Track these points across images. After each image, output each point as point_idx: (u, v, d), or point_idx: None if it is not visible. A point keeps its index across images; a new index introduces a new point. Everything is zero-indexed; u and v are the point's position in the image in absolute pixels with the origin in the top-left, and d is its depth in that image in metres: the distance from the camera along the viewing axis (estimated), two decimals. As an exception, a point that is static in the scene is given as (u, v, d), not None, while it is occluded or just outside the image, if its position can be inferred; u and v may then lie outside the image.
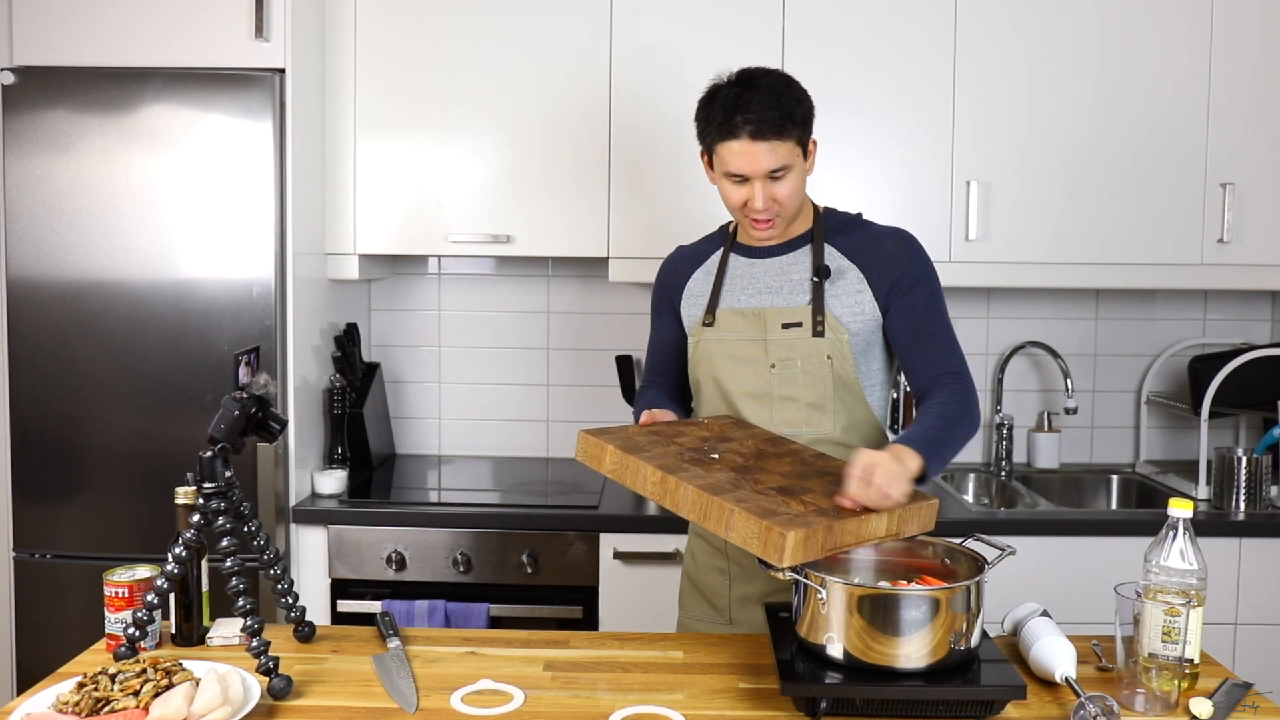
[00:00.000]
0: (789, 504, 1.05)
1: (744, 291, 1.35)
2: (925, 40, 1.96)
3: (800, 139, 1.27)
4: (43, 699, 1.00)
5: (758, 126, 1.22)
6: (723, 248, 1.40)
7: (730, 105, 1.24)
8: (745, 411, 1.33)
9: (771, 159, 1.24)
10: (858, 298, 1.30)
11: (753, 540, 1.00)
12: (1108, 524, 1.83)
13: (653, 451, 1.15)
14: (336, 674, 1.13)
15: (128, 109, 1.77)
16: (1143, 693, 1.04)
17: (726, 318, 1.34)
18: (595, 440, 1.17)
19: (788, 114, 1.24)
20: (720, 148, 1.26)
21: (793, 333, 1.30)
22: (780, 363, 1.30)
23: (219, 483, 1.13)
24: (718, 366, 1.34)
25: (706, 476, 1.09)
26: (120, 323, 1.78)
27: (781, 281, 1.33)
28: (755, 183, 1.25)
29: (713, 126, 1.26)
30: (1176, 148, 1.96)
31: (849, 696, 1.01)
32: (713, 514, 1.03)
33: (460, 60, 1.98)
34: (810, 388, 1.31)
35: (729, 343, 1.34)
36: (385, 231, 2.00)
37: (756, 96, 1.23)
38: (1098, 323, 2.27)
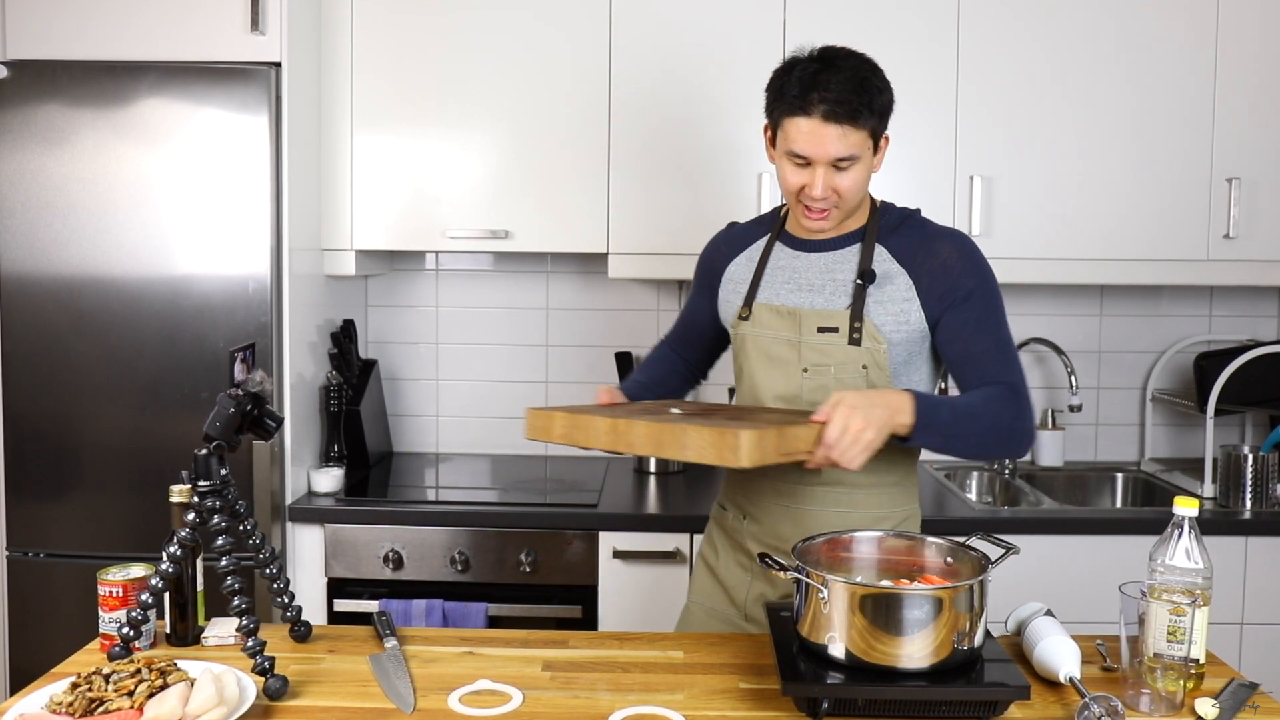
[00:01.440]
0: (740, 422, 1.08)
1: (784, 286, 1.28)
2: (928, 34, 1.95)
3: (874, 130, 1.18)
4: (36, 699, 0.99)
5: (833, 108, 1.14)
6: (769, 234, 1.33)
7: (808, 80, 1.16)
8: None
9: (840, 145, 1.16)
10: (904, 306, 1.22)
11: (708, 450, 1.01)
12: (1112, 522, 1.82)
13: (596, 409, 1.19)
14: (333, 674, 1.12)
15: (122, 103, 1.76)
16: (1148, 693, 1.03)
17: (762, 313, 1.29)
18: (543, 411, 1.18)
19: (867, 101, 1.16)
20: (788, 123, 1.18)
21: (828, 337, 1.23)
22: (813, 367, 1.24)
23: (214, 481, 1.12)
24: (752, 362, 1.30)
25: (660, 416, 1.12)
26: (114, 319, 1.77)
27: (825, 280, 1.26)
28: (818, 168, 1.18)
29: (784, 100, 1.18)
30: (1182, 142, 1.95)
31: (851, 697, 1.00)
32: (667, 440, 1.05)
33: (458, 54, 1.97)
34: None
35: (763, 340, 1.29)
36: (382, 227, 1.99)
37: (837, 76, 1.15)
38: (1102, 319, 2.26)
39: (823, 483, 1.27)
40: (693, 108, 1.97)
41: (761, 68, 1.96)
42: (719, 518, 1.40)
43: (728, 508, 1.38)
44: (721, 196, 1.99)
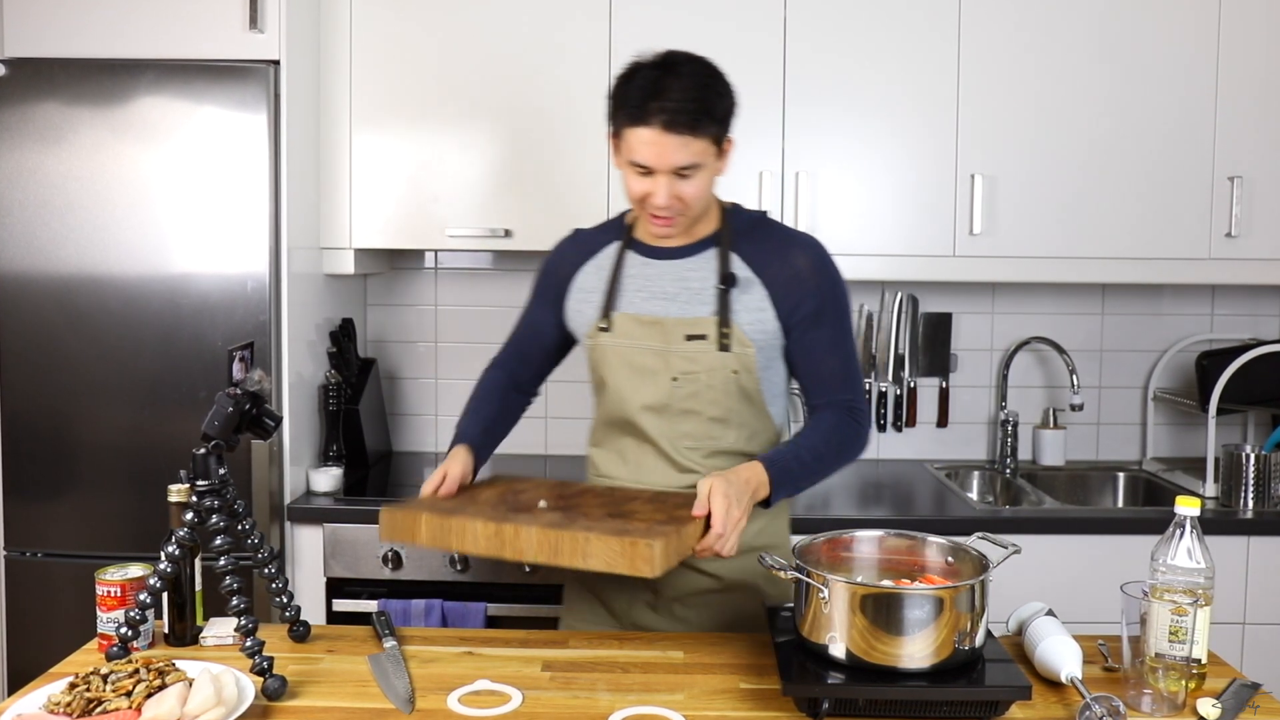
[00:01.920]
0: (629, 524, 1.08)
1: (639, 295, 1.27)
2: (929, 30, 1.95)
3: (716, 137, 1.18)
4: (34, 699, 0.99)
5: (672, 117, 1.13)
6: (619, 242, 1.31)
7: (647, 89, 1.14)
8: (644, 425, 1.27)
9: (681, 155, 1.15)
10: (760, 315, 1.24)
11: (618, 560, 1.01)
12: (1114, 522, 1.82)
13: (468, 510, 1.12)
14: (332, 674, 1.12)
15: (120, 101, 1.75)
16: (1149, 693, 1.03)
17: (624, 323, 1.26)
18: (404, 513, 1.12)
19: (707, 109, 1.15)
20: (629, 134, 1.16)
21: (697, 345, 1.23)
22: (682, 376, 1.24)
23: (213, 480, 1.12)
24: (616, 374, 1.27)
25: (539, 519, 1.09)
26: (113, 318, 1.77)
27: (680, 288, 1.25)
28: (660, 177, 1.16)
29: (625, 109, 1.16)
30: (1184, 140, 1.94)
31: (851, 697, 1.00)
32: (565, 548, 1.03)
33: (457, 52, 1.97)
34: (714, 402, 1.25)
35: (626, 351, 1.26)
36: (381, 225, 1.98)
37: (677, 84, 1.14)
38: (1104, 318, 2.26)
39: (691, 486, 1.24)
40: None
41: (761, 65, 1.97)
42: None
43: None
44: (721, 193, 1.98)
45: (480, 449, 1.29)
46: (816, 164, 1.97)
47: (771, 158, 1.97)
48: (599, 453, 1.35)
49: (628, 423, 1.29)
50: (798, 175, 1.96)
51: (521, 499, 1.19)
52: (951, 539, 1.15)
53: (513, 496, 1.20)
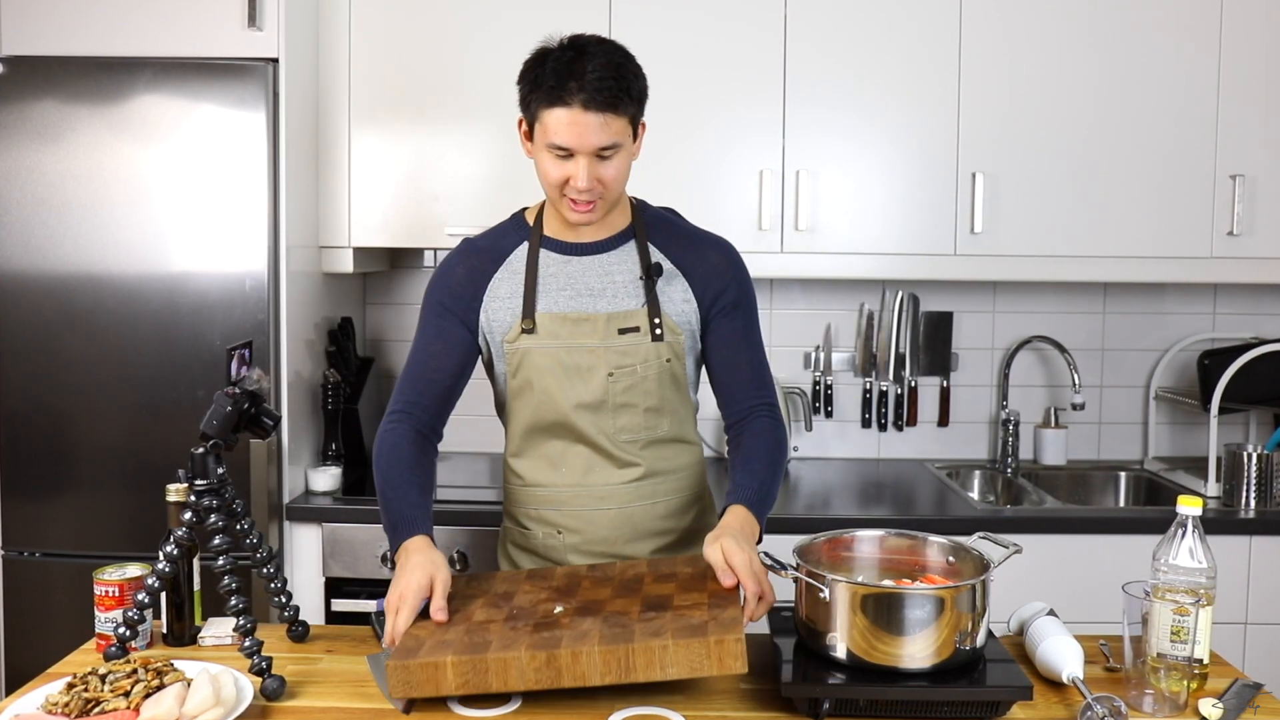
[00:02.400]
0: (685, 614, 1.02)
1: (563, 293, 1.24)
2: (930, 28, 1.94)
3: (634, 117, 1.18)
4: (32, 699, 0.99)
5: (591, 96, 1.12)
6: (526, 242, 1.27)
7: (563, 70, 1.13)
8: (580, 423, 1.25)
9: (603, 134, 1.13)
10: (685, 306, 1.25)
11: (703, 663, 0.95)
12: (1115, 522, 1.82)
13: (493, 642, 1.00)
14: (330, 674, 1.12)
15: (118, 99, 1.75)
16: (1151, 693, 1.03)
17: (550, 323, 1.23)
18: (421, 664, 0.97)
19: (625, 87, 1.14)
20: (546, 115, 1.14)
21: (631, 338, 1.23)
22: (618, 370, 1.23)
23: (211, 480, 1.12)
24: (545, 376, 1.24)
25: (586, 632, 1.00)
26: (110, 317, 1.76)
27: (605, 283, 1.24)
28: (580, 159, 1.14)
29: (540, 91, 1.14)
30: (1185, 138, 1.94)
31: (852, 697, 1.00)
32: (638, 663, 0.96)
33: (456, 49, 1.96)
34: (649, 393, 1.25)
35: (555, 351, 1.23)
36: (380, 224, 1.98)
37: (592, 64, 1.13)
38: (1105, 317, 2.25)
39: (637, 478, 1.27)
40: (692, 103, 1.96)
41: (762, 62, 1.97)
42: (521, 539, 1.33)
43: (532, 527, 1.31)
44: (721, 192, 1.98)
45: (429, 528, 1.18)
46: (817, 162, 1.96)
47: (772, 156, 1.96)
48: (522, 462, 1.30)
49: (558, 425, 1.26)
50: (798, 174, 1.95)
51: (535, 608, 1.08)
52: (952, 539, 1.15)
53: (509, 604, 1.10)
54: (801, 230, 1.96)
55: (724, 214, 1.97)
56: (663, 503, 1.30)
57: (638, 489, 1.28)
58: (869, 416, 2.25)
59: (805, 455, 2.27)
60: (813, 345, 2.27)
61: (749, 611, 1.07)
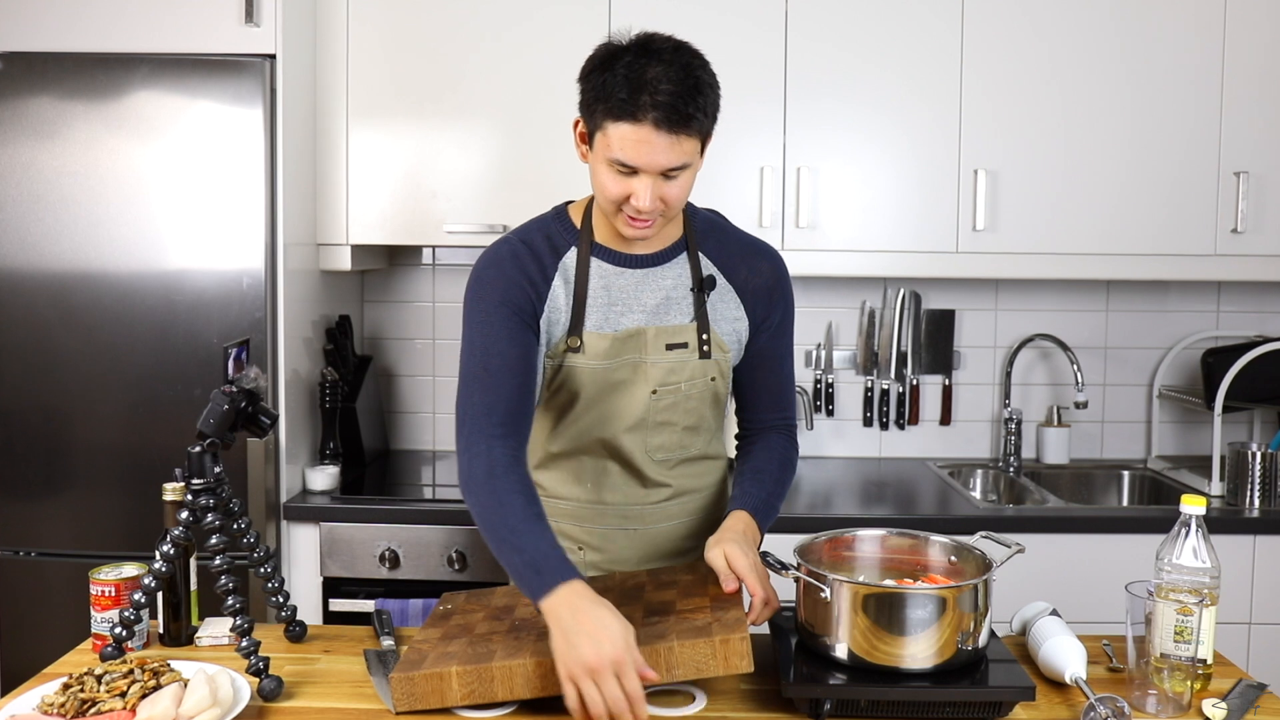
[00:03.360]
0: (688, 617, 1.01)
1: (615, 309, 1.17)
2: (932, 24, 1.93)
3: (705, 133, 1.08)
4: (27, 700, 0.99)
5: (666, 114, 1.01)
6: (575, 248, 1.17)
7: (636, 81, 1.02)
8: (619, 441, 1.20)
9: (672, 154, 1.04)
10: (736, 323, 1.20)
11: (709, 662, 0.96)
12: (1119, 521, 1.81)
13: (497, 649, 1.01)
14: (328, 675, 1.11)
15: (114, 96, 1.74)
16: (1154, 694, 1.02)
17: (597, 342, 1.16)
18: (425, 675, 0.98)
19: (701, 105, 1.04)
20: (612, 128, 1.04)
21: (677, 354, 1.17)
22: (661, 388, 1.18)
23: (208, 479, 1.11)
24: (590, 393, 1.18)
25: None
26: (107, 315, 1.76)
27: (658, 298, 1.17)
28: (645, 178, 1.05)
29: (608, 101, 1.03)
30: (1189, 135, 1.93)
31: (854, 698, 1.00)
32: (650, 663, 0.95)
33: (456, 45, 1.95)
34: (690, 411, 1.21)
35: (600, 369, 1.17)
36: (378, 221, 1.97)
37: (667, 74, 1.02)
38: (1108, 315, 2.25)
39: (664, 499, 1.24)
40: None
41: (762, 58, 1.96)
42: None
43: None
44: (722, 189, 1.97)
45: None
46: (818, 159, 1.95)
47: (772, 153, 1.95)
48: (546, 474, 1.26)
49: (594, 441, 1.21)
50: (799, 171, 1.94)
51: (537, 619, 1.04)
52: (955, 538, 1.14)
53: (511, 617, 1.10)
54: (802, 227, 1.95)
55: (725, 211, 1.95)
56: (686, 522, 1.27)
57: (664, 509, 1.24)
58: (870, 415, 2.24)
59: (806, 454, 2.27)
60: (814, 343, 2.26)
61: (753, 615, 1.05)
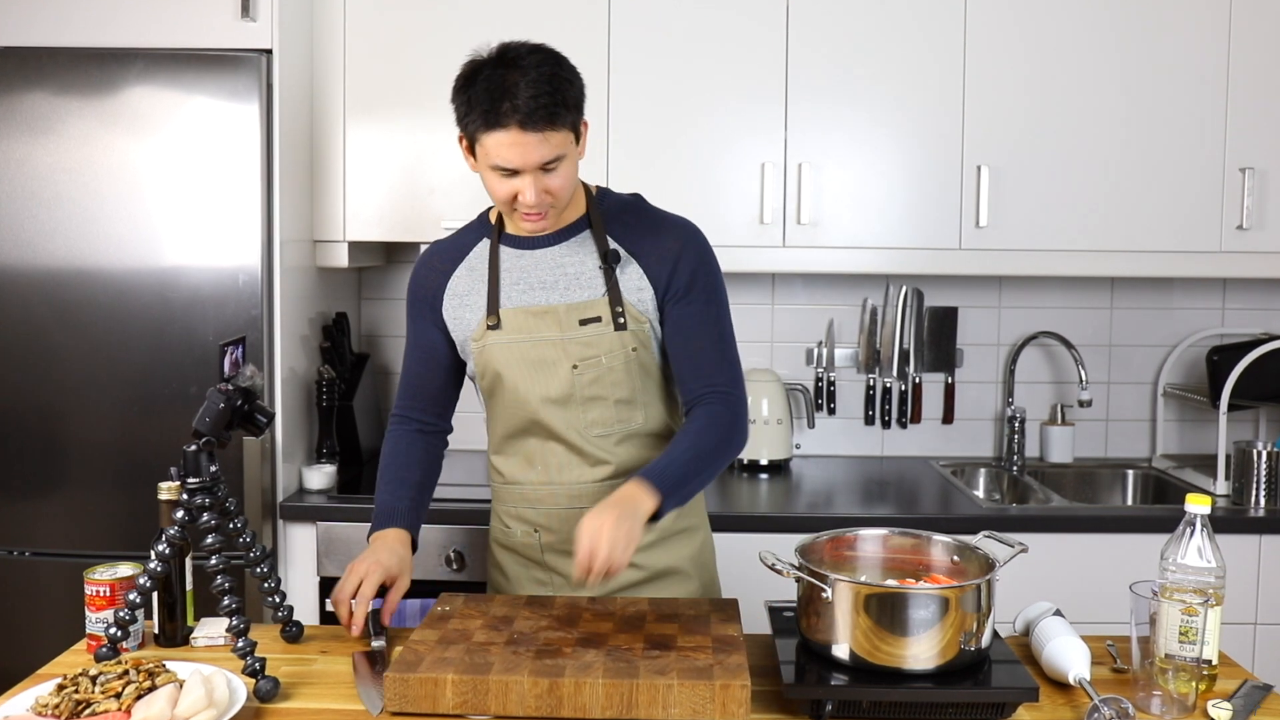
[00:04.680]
0: (690, 656, 1.02)
1: (517, 287, 1.25)
2: (934, 20, 1.93)
3: (574, 124, 1.17)
4: (21, 701, 0.98)
5: (528, 116, 1.11)
6: (487, 239, 1.28)
7: (495, 91, 1.12)
8: (549, 418, 1.24)
9: (544, 150, 1.13)
10: (641, 294, 1.23)
11: (706, 706, 0.95)
12: (1123, 520, 1.80)
13: (495, 662, 1.01)
14: (325, 675, 1.10)
15: (109, 91, 1.73)
16: (1159, 695, 1.02)
17: (513, 318, 1.24)
18: (421, 679, 0.98)
19: (560, 99, 1.13)
20: (485, 138, 1.14)
21: (593, 328, 1.22)
22: (582, 362, 1.22)
23: (204, 478, 1.11)
24: (512, 372, 1.24)
25: (589, 664, 1.00)
26: (101, 312, 1.75)
27: (558, 275, 1.24)
28: (525, 175, 1.15)
29: (475, 114, 1.14)
30: (1194, 130, 1.92)
31: (855, 699, 0.99)
32: (641, 699, 0.95)
33: (453, 40, 1.93)
34: (617, 384, 1.24)
35: (519, 346, 1.24)
36: (376, 218, 1.96)
37: (524, 79, 1.12)
38: (1113, 312, 2.24)
39: (609, 476, 1.25)
40: (693, 95, 1.94)
41: (763, 55, 1.94)
42: (502, 537, 1.34)
43: (512, 525, 1.32)
44: (723, 186, 1.96)
45: (412, 522, 1.27)
46: (819, 156, 1.94)
47: (774, 149, 1.94)
48: (502, 460, 1.32)
49: (530, 421, 1.26)
50: (800, 167, 1.93)
51: (536, 634, 1.08)
52: (957, 538, 1.14)
53: (510, 629, 1.10)
54: (804, 224, 1.94)
55: (725, 208, 1.95)
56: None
57: (611, 487, 1.23)
58: (872, 413, 2.23)
59: (807, 453, 2.26)
60: (815, 341, 2.25)
61: (577, 576, 1.05)
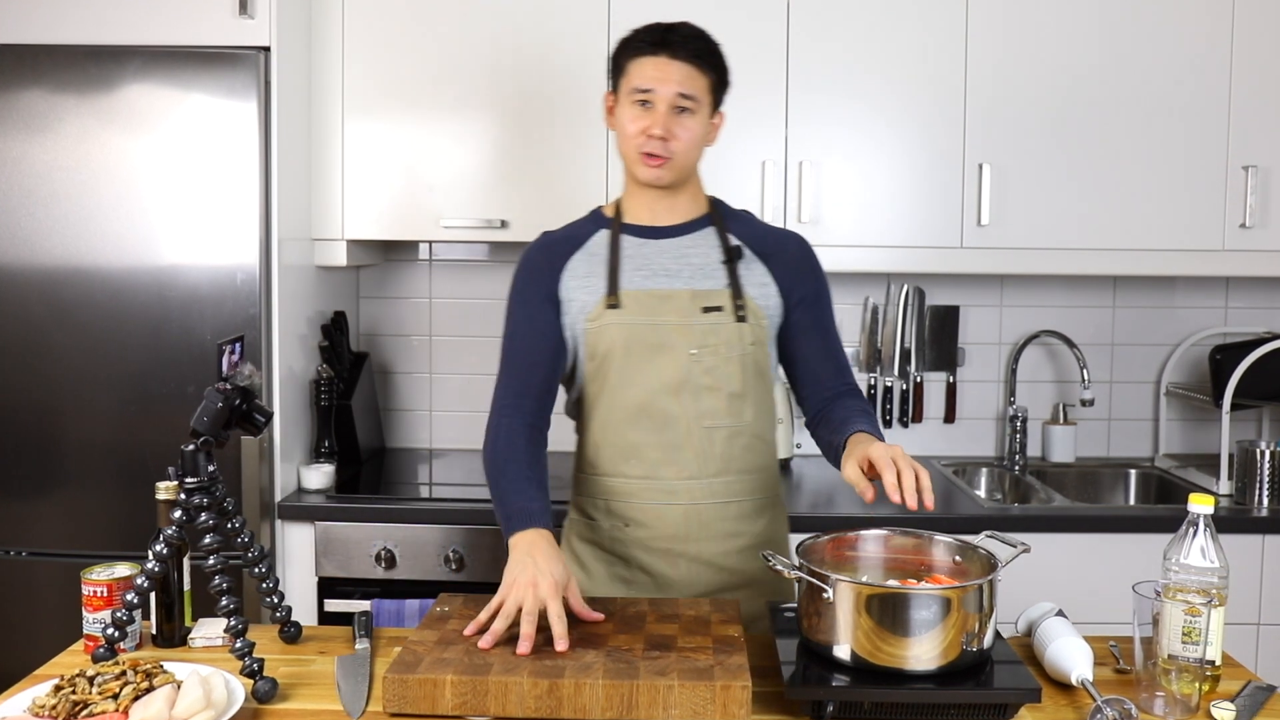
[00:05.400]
0: (690, 656, 1.01)
1: (639, 273, 1.26)
2: (936, 16, 1.92)
3: (714, 86, 1.26)
4: (18, 702, 0.98)
5: (679, 47, 1.23)
6: (604, 229, 1.31)
7: (655, 29, 1.25)
8: (661, 405, 1.24)
9: (685, 82, 1.22)
10: (765, 290, 1.28)
11: (706, 708, 0.95)
12: (1125, 520, 1.80)
13: (494, 663, 1.00)
14: (323, 676, 1.10)
15: (106, 89, 1.73)
16: (1162, 696, 1.01)
17: (635, 299, 1.25)
18: (420, 679, 0.97)
19: (711, 50, 1.26)
20: (633, 64, 1.24)
21: (714, 317, 1.25)
22: (700, 349, 1.24)
23: (201, 477, 1.10)
24: (628, 354, 1.24)
25: (589, 665, 1.00)
26: (99, 311, 1.74)
27: (682, 264, 1.27)
28: (659, 107, 1.22)
29: (631, 45, 1.25)
30: (1197, 128, 1.91)
31: (857, 700, 0.98)
32: (641, 700, 0.95)
33: (452, 37, 1.94)
34: (731, 376, 1.26)
35: (640, 329, 1.24)
36: (374, 216, 1.96)
37: (683, 30, 1.25)
38: (1115, 311, 2.23)
39: (710, 475, 1.27)
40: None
41: (764, 51, 1.94)
42: (585, 532, 1.33)
43: (598, 519, 1.31)
44: (724, 184, 1.93)
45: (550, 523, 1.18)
46: (820, 153, 1.93)
47: (774, 147, 1.94)
48: (596, 451, 1.30)
49: (636, 409, 1.25)
50: (801, 165, 1.93)
51: (538, 636, 1.05)
52: (959, 538, 1.13)
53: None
54: (804, 223, 1.93)
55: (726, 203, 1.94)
56: (735, 504, 1.29)
57: (709, 486, 1.27)
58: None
59: (808, 452, 2.25)
60: (816, 340, 2.24)
61: (906, 496, 1.02)
